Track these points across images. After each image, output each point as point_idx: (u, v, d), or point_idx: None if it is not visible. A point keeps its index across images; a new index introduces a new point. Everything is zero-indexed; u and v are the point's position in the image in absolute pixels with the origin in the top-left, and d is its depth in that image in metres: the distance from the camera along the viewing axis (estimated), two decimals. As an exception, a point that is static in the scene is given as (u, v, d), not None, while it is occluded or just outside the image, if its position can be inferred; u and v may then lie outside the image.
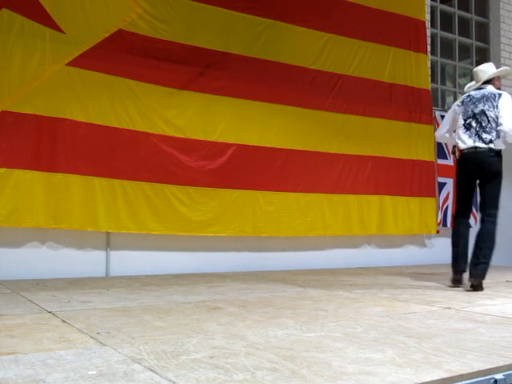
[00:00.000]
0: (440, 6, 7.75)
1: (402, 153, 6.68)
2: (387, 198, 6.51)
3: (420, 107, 6.84)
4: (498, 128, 4.09)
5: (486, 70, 4.39)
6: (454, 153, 4.51)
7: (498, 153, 4.14)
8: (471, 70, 8.06)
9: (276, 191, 5.70)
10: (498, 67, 4.56)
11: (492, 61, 7.84)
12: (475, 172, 4.21)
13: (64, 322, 2.57)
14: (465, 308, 3.20)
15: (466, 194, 4.35)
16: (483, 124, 4.14)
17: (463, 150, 4.23)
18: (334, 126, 6.15)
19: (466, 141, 4.21)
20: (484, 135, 4.12)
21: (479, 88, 4.35)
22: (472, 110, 4.24)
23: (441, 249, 7.11)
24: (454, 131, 4.46)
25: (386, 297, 3.66)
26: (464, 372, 1.75)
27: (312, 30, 6.03)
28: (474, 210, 7.26)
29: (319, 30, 6.09)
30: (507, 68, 5.09)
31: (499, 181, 4.17)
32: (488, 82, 4.34)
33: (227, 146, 5.42)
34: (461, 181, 4.37)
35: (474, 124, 4.20)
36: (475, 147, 4.15)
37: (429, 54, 7.19)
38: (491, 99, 4.18)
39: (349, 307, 3.17)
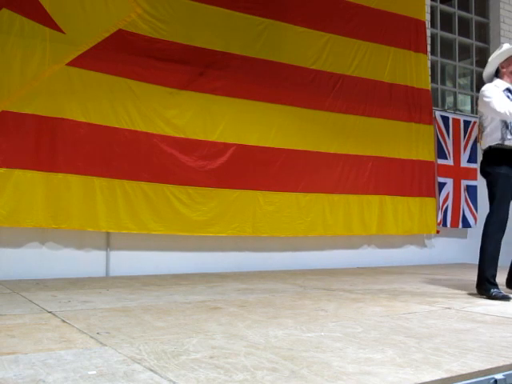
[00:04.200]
0: (440, 6, 7.74)
1: (402, 153, 6.68)
2: (387, 198, 6.51)
3: (420, 107, 6.83)
4: None
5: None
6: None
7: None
8: (471, 70, 8.11)
9: (276, 191, 5.70)
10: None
11: (492, 61, 7.85)
12: None
13: (64, 321, 2.57)
14: (465, 308, 3.20)
15: None
16: None
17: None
18: (334, 126, 6.15)
19: None
20: None
21: None
22: None
23: (441, 249, 7.12)
24: None
25: (385, 297, 3.66)
26: (464, 372, 1.75)
27: (312, 30, 6.03)
28: (474, 211, 7.27)
29: (319, 30, 6.08)
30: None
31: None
32: None
33: (227, 145, 5.42)
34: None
35: None
36: None
37: (429, 53, 7.19)
38: None
39: (349, 307, 3.17)
